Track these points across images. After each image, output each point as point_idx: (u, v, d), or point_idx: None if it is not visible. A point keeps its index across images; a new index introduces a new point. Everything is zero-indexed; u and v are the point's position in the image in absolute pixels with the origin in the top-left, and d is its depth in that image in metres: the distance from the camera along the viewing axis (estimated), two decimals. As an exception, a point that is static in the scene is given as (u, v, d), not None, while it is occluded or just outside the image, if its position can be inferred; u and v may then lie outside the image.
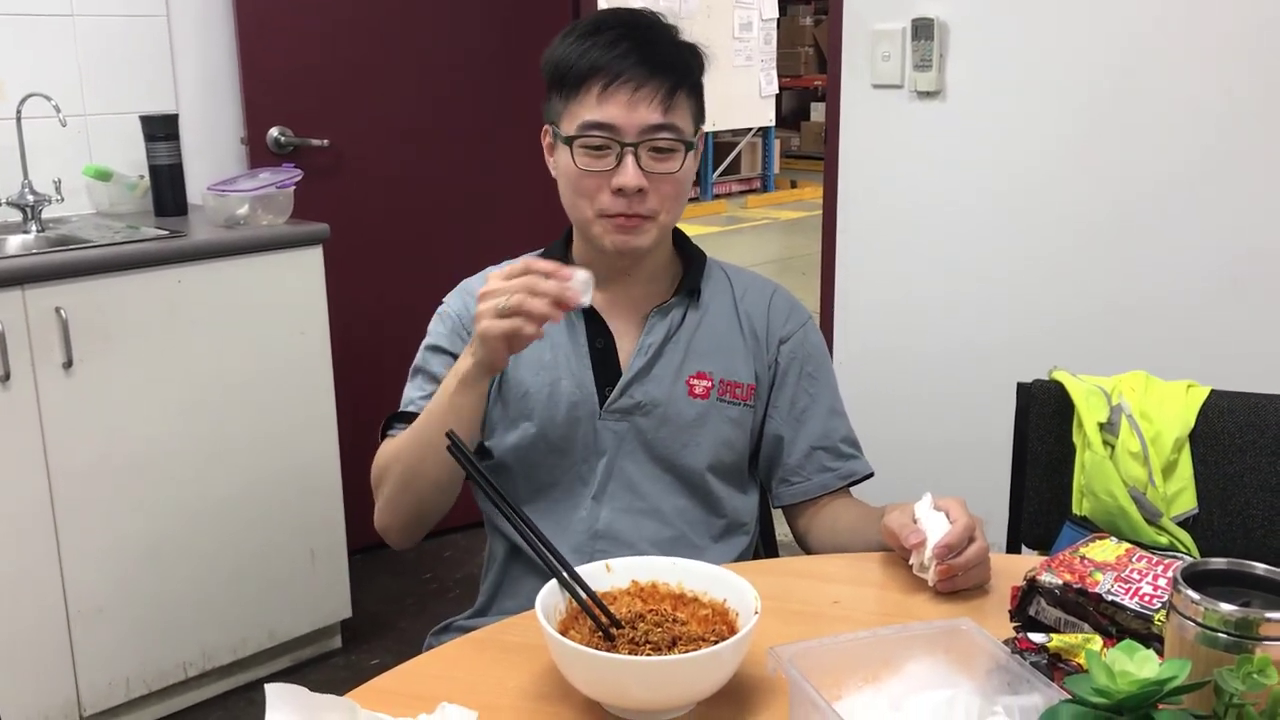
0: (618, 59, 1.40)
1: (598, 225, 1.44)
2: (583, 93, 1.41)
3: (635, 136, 1.40)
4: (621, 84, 1.39)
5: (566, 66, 1.42)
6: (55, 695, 2.39)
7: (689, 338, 1.51)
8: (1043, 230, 2.58)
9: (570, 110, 1.43)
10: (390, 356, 3.02)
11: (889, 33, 2.71)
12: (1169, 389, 1.71)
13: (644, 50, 1.41)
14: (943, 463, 2.72)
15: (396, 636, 2.96)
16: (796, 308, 1.60)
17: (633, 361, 1.49)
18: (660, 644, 1.06)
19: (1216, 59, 2.31)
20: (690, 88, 1.45)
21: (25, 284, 2.24)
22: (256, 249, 2.56)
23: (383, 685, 1.11)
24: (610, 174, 1.41)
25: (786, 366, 1.55)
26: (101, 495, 2.40)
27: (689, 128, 1.45)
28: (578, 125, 1.41)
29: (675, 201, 1.46)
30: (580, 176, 1.42)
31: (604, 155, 1.41)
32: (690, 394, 1.50)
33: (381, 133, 3.23)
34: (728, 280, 1.59)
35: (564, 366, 1.49)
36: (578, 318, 1.50)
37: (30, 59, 2.72)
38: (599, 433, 1.49)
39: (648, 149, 1.41)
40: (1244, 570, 0.92)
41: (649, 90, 1.40)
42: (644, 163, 1.41)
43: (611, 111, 1.39)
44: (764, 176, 10.97)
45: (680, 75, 1.43)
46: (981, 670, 0.99)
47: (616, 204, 1.41)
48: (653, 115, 1.40)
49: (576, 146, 1.41)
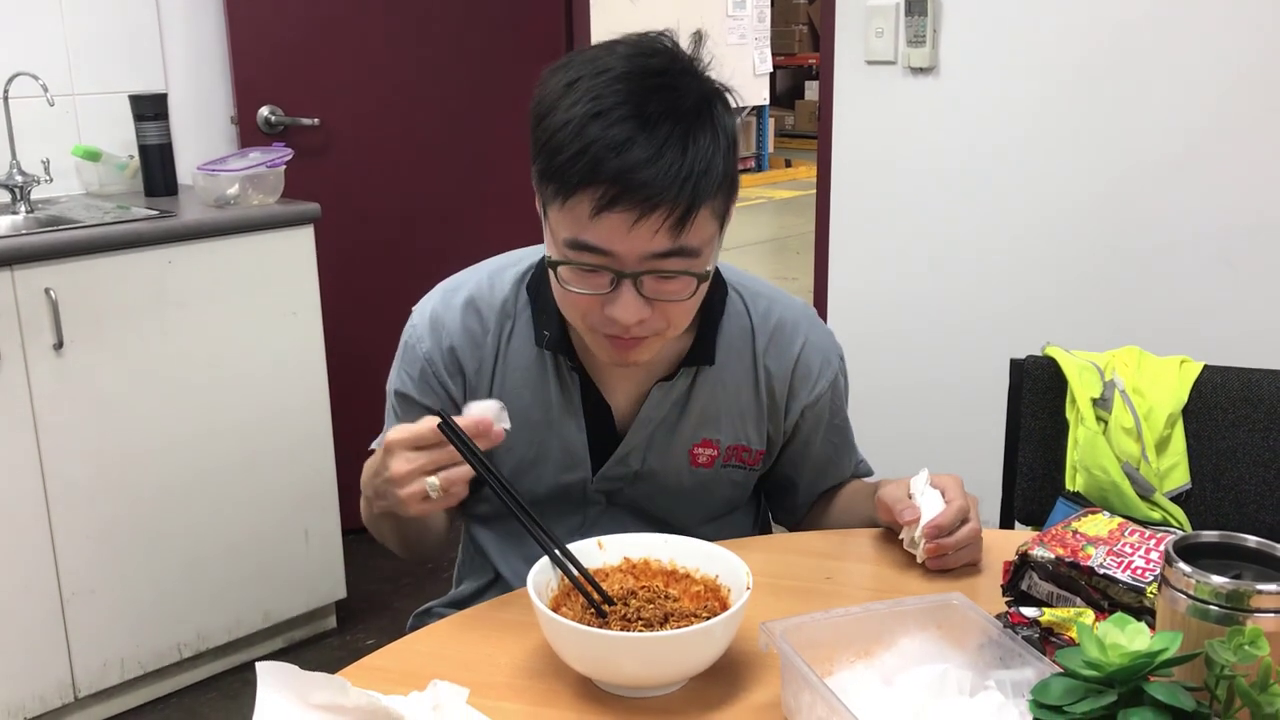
0: (624, 171, 1.08)
1: (591, 336, 1.22)
2: (573, 203, 1.11)
3: (635, 265, 1.13)
4: (623, 208, 1.09)
5: (557, 157, 1.11)
6: (49, 677, 2.39)
7: (697, 407, 1.34)
8: (1036, 206, 2.58)
9: (558, 216, 1.15)
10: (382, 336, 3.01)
11: (882, 8, 2.69)
12: (1162, 364, 1.71)
13: (660, 153, 1.08)
14: (936, 438, 2.73)
15: (391, 617, 2.96)
16: (826, 359, 1.39)
17: (631, 433, 1.33)
18: (652, 620, 1.06)
19: (1212, 34, 2.31)
20: (716, 191, 1.13)
21: (14, 265, 2.23)
22: (247, 229, 2.55)
23: (374, 663, 1.11)
24: (604, 298, 1.15)
25: (810, 430, 1.41)
26: (94, 476, 2.39)
27: (711, 235, 1.16)
28: (565, 240, 1.14)
29: (683, 320, 1.22)
30: (569, 296, 1.18)
31: (597, 276, 1.15)
32: (693, 463, 1.36)
33: (372, 112, 3.22)
34: (750, 325, 1.35)
35: (555, 427, 1.33)
36: (572, 380, 1.31)
37: (17, 38, 2.69)
38: (589, 494, 1.36)
39: (652, 274, 1.14)
40: (1235, 543, 0.92)
41: (660, 213, 1.09)
42: (646, 289, 1.15)
43: (608, 236, 1.11)
44: (758, 156, 10.93)
45: (703, 188, 1.11)
46: (974, 645, 0.99)
47: (613, 328, 1.17)
48: (659, 241, 1.11)
49: (561, 268, 1.16)
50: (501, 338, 1.33)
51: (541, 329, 1.31)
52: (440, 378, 1.34)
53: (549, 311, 1.29)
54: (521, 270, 1.35)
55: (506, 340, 1.33)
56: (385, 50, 3.20)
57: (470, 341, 1.33)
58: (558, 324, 1.28)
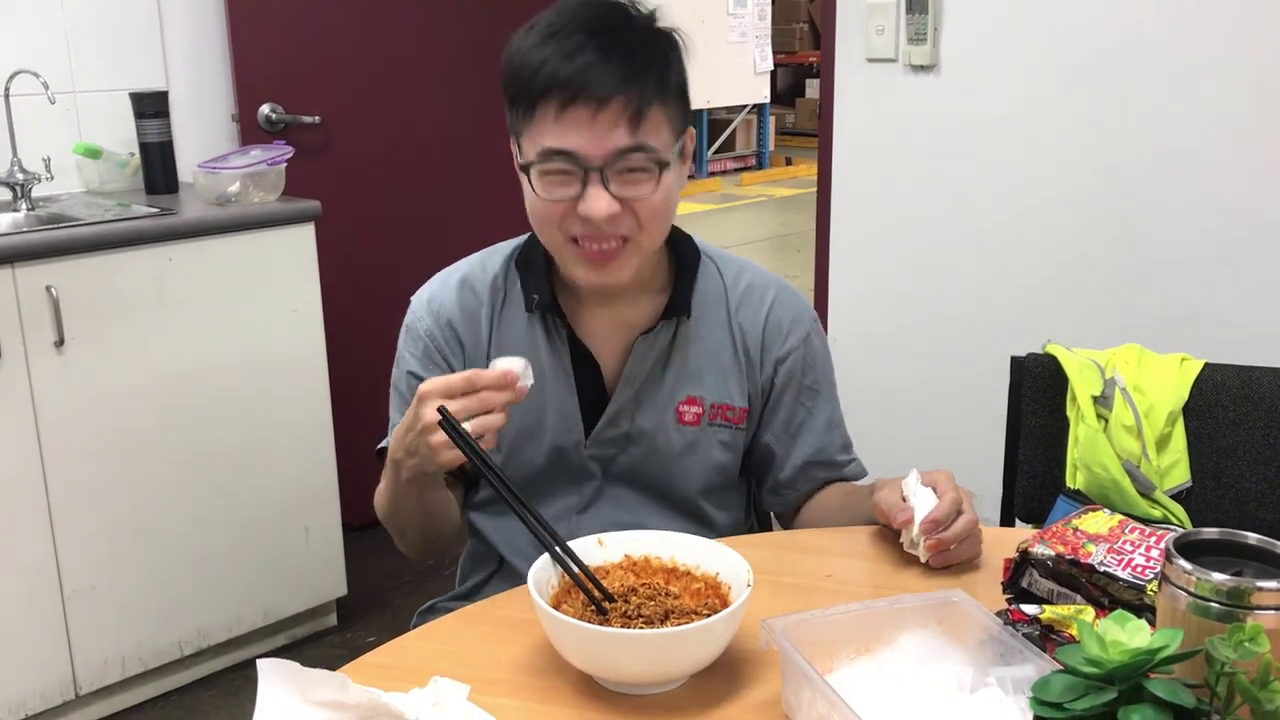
0: (577, 74, 1.21)
1: (566, 252, 1.30)
2: (539, 113, 1.23)
3: (601, 161, 1.23)
4: (581, 104, 1.21)
5: (521, 79, 1.25)
6: (50, 674, 2.40)
7: (679, 362, 1.40)
8: (1037, 204, 2.58)
9: (528, 132, 1.26)
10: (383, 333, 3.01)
11: (883, 6, 2.69)
12: (1163, 362, 1.71)
13: (608, 57, 1.22)
14: (937, 436, 2.72)
15: (392, 614, 2.97)
16: (798, 317, 1.47)
17: (618, 392, 1.39)
18: (653, 617, 1.06)
19: (1214, 32, 2.30)
20: (665, 96, 1.26)
21: (15, 263, 2.23)
22: (248, 226, 2.55)
23: (375, 660, 1.11)
24: (576, 201, 1.25)
25: (783, 387, 1.45)
26: (94, 473, 2.40)
27: (667, 141, 1.27)
28: (536, 151, 1.25)
29: (656, 222, 1.29)
30: (542, 205, 1.27)
31: (568, 181, 1.24)
32: (680, 421, 1.41)
33: (373, 109, 3.22)
34: (722, 286, 1.44)
35: (547, 394, 1.38)
36: (562, 342, 1.39)
37: (18, 35, 2.69)
38: (585, 461, 1.41)
39: (618, 172, 1.24)
40: (1236, 540, 0.92)
41: (615, 108, 1.21)
42: (615, 187, 1.24)
43: (571, 136, 1.22)
44: (759, 154, 10.93)
45: (653, 85, 1.24)
46: (974, 642, 0.99)
47: (585, 228, 1.26)
48: (620, 136, 1.22)
49: (535, 174, 1.26)
50: (495, 310, 1.41)
51: (531, 294, 1.39)
52: (443, 352, 1.41)
53: (537, 278, 1.38)
54: (510, 250, 1.45)
55: (500, 312, 1.41)
56: (386, 48, 3.20)
57: (466, 317, 1.42)
58: (546, 288, 1.38)
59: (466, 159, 3.40)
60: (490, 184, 3.41)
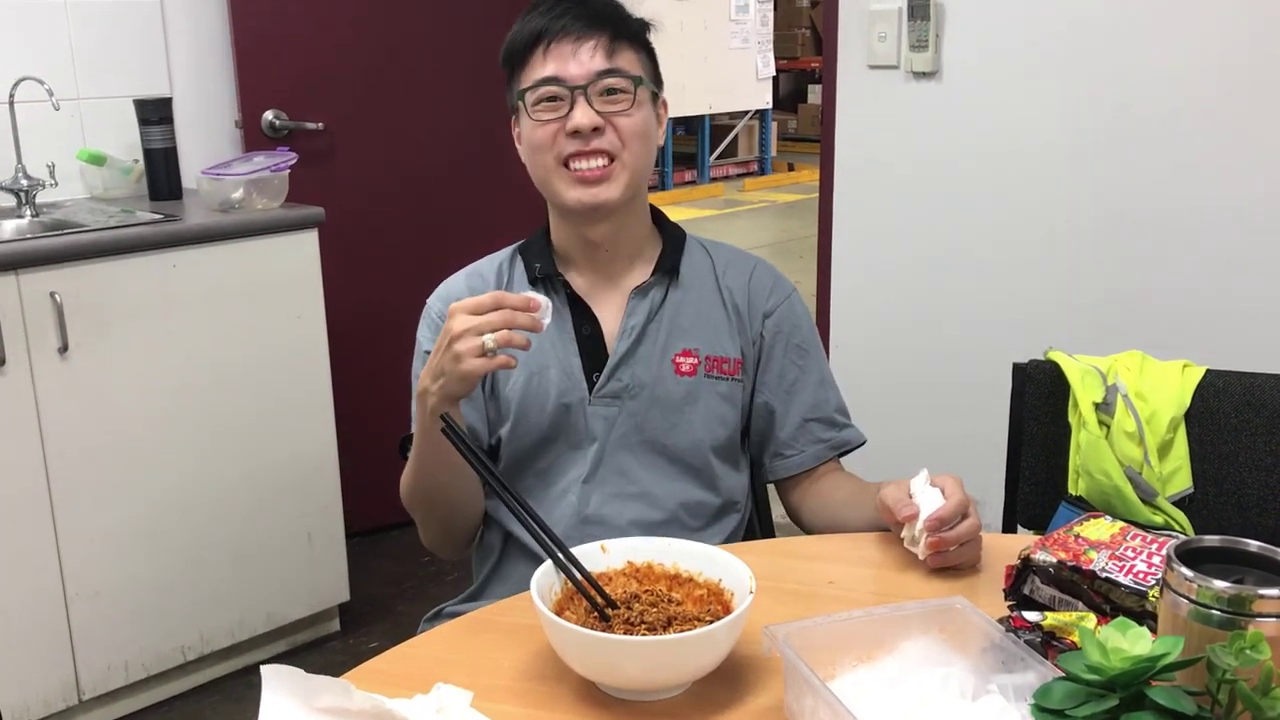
0: (555, 19, 1.43)
1: (558, 177, 1.45)
2: (529, 59, 1.45)
3: (583, 80, 1.42)
4: (561, 38, 1.43)
5: (515, 44, 1.47)
6: (54, 679, 2.40)
7: (672, 316, 1.52)
8: (1039, 210, 2.58)
9: (521, 78, 1.46)
10: (386, 339, 3.02)
11: (885, 13, 2.70)
12: (1164, 369, 1.71)
13: (580, 8, 1.44)
14: (939, 443, 2.72)
15: (394, 620, 2.97)
16: (780, 281, 1.60)
17: (617, 344, 1.49)
18: (655, 624, 1.07)
19: (1214, 40, 2.31)
20: (631, 37, 1.47)
21: (20, 269, 2.23)
22: (251, 233, 2.56)
23: (378, 666, 1.11)
24: (565, 120, 1.42)
25: (772, 340, 1.55)
26: (98, 479, 2.40)
27: (640, 73, 1.46)
28: (528, 86, 1.44)
29: (637, 142, 1.46)
30: (536, 128, 1.44)
31: (557, 106, 1.43)
32: (677, 372, 1.50)
33: (376, 116, 3.22)
34: (708, 256, 1.59)
35: (551, 354, 1.49)
36: (563, 305, 1.51)
37: (23, 42, 2.70)
38: (589, 419, 1.49)
39: (598, 92, 1.42)
40: (1237, 547, 0.92)
41: (590, 40, 1.43)
42: (596, 105, 1.42)
43: (556, 65, 1.42)
44: (761, 159, 10.94)
45: (618, 26, 1.46)
46: (976, 649, 0.99)
47: (574, 145, 1.42)
48: (597, 61, 1.42)
49: (530, 104, 1.44)
50: (501, 288, 1.53)
51: (533, 264, 1.53)
52: None
53: (537, 252, 1.54)
54: (511, 247, 1.60)
55: (506, 289, 1.53)
56: (390, 54, 3.21)
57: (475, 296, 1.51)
58: (548, 258, 1.53)
59: (469, 165, 3.40)
60: (493, 191, 3.42)
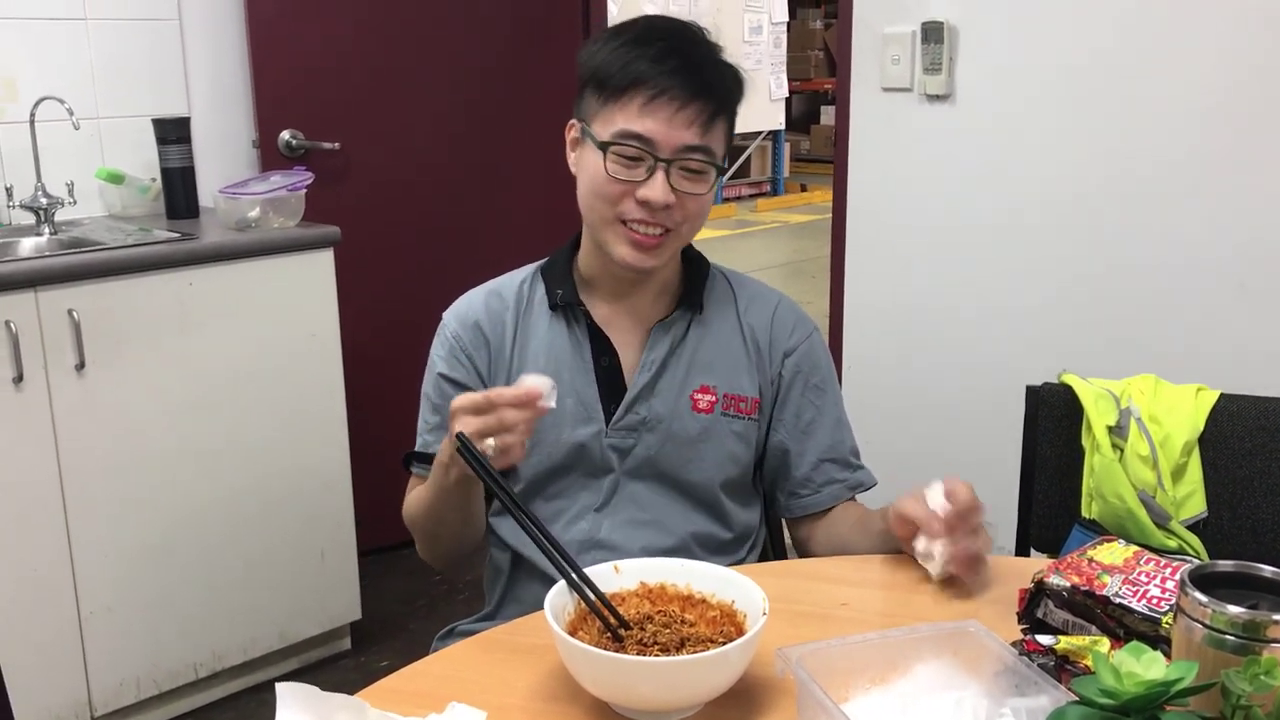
0: (665, 74, 1.37)
1: (612, 231, 1.42)
2: (624, 100, 1.38)
3: (670, 154, 1.38)
4: (665, 100, 1.37)
5: (610, 70, 1.39)
6: (66, 695, 2.40)
7: (692, 351, 1.50)
8: (1052, 233, 2.58)
9: (608, 115, 1.40)
10: (400, 359, 3.02)
11: (898, 36, 2.71)
12: (1178, 392, 1.70)
13: (691, 69, 1.38)
14: (951, 465, 2.69)
15: (406, 638, 2.97)
16: (801, 320, 1.58)
17: (637, 378, 1.48)
18: (668, 645, 1.07)
19: (1227, 60, 2.31)
20: (728, 114, 1.43)
21: (38, 286, 2.25)
22: (268, 251, 2.57)
23: (392, 685, 1.11)
24: (638, 185, 1.39)
25: (790, 380, 1.54)
26: (113, 496, 2.41)
27: (721, 152, 1.43)
28: (614, 132, 1.38)
29: (696, 221, 1.44)
30: (607, 182, 1.40)
31: (635, 166, 1.38)
32: (694, 408, 1.48)
33: (392, 136, 3.24)
34: (731, 291, 1.57)
35: (569, 384, 1.47)
36: (584, 335, 1.49)
37: (43, 62, 2.73)
38: (604, 450, 1.48)
39: (679, 167, 1.39)
40: (1251, 573, 0.92)
41: (692, 111, 1.38)
42: (674, 180, 1.38)
43: (651, 125, 1.37)
44: (774, 180, 10.96)
45: (722, 101, 1.41)
46: (989, 672, 0.99)
47: (639, 213, 1.39)
48: (691, 135, 1.38)
49: (610, 153, 1.39)
50: (520, 311, 1.53)
51: (555, 290, 1.51)
52: (467, 351, 1.51)
53: (560, 274, 1.52)
54: (535, 266, 1.57)
55: (525, 312, 1.53)
56: (405, 75, 3.23)
57: (492, 318, 1.53)
58: (570, 285, 1.50)
59: (485, 185, 3.42)
60: (509, 210, 3.43)
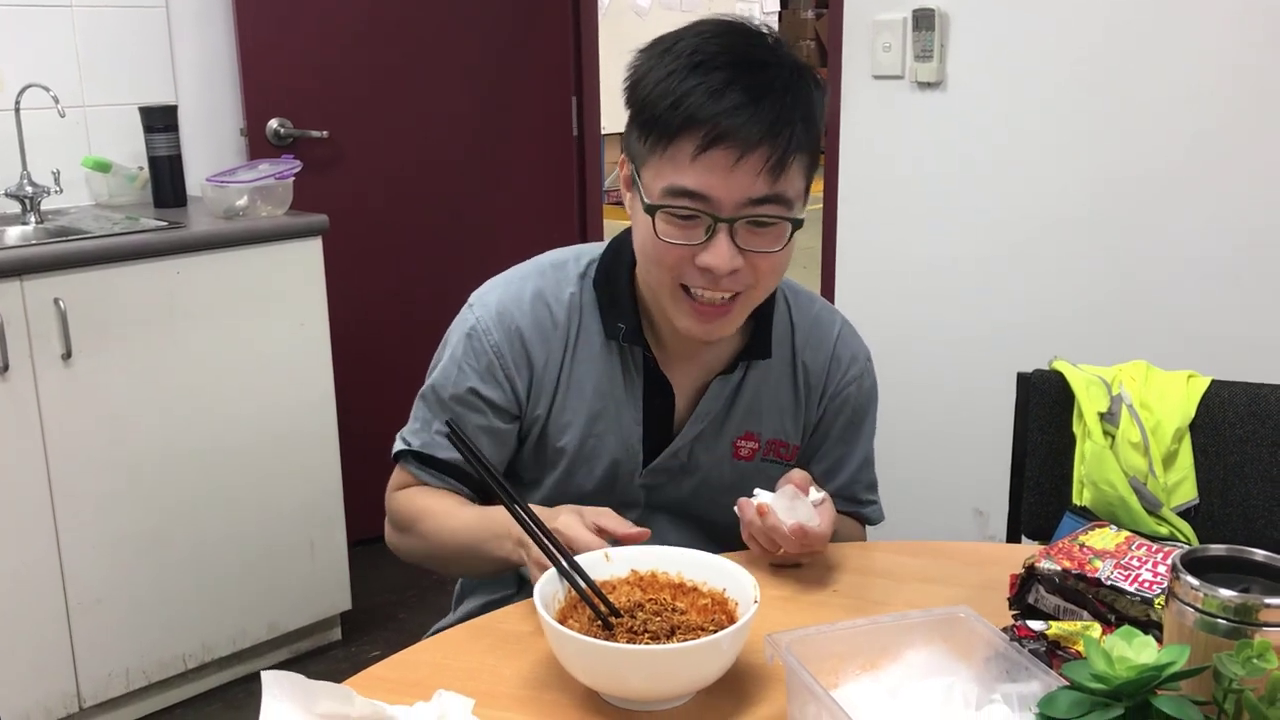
0: (723, 114, 1.12)
1: (672, 299, 1.23)
2: (674, 149, 1.15)
3: (733, 211, 1.16)
4: (723, 148, 1.13)
5: (657, 108, 1.15)
6: (55, 686, 2.39)
7: (744, 399, 1.38)
8: (1043, 220, 2.58)
9: (656, 166, 1.17)
10: (390, 347, 3.02)
11: (890, 23, 2.70)
12: (1169, 379, 1.70)
13: (757, 101, 1.13)
14: (943, 453, 2.72)
15: (396, 628, 2.96)
16: (857, 355, 1.45)
17: (688, 428, 1.37)
18: (659, 633, 1.06)
19: (1218, 49, 2.31)
20: (808, 146, 1.19)
21: (24, 275, 2.24)
22: (256, 240, 2.56)
23: (379, 673, 1.11)
24: (697, 249, 1.18)
25: (832, 420, 1.44)
26: (100, 486, 2.40)
27: (800, 191, 1.20)
28: (664, 189, 1.16)
29: (773, 277, 1.23)
30: (657, 243, 1.19)
31: (693, 227, 1.17)
32: (735, 455, 1.39)
33: (381, 124, 3.23)
34: (789, 320, 1.41)
35: (613, 420, 1.35)
36: (638, 374, 1.35)
37: (29, 50, 2.71)
38: (634, 490, 1.39)
39: (748, 223, 1.17)
40: (1243, 556, 0.91)
41: (758, 157, 1.13)
42: (739, 239, 1.17)
43: (708, 179, 1.14)
44: (765, 170, 10.95)
45: (799, 133, 1.16)
46: (980, 658, 0.98)
47: (701, 280, 1.19)
48: (759, 186, 1.15)
49: (659, 215, 1.18)
50: (571, 331, 1.35)
51: (614, 322, 1.32)
52: (508, 370, 1.34)
53: (621, 304, 1.32)
54: (583, 266, 1.37)
55: (576, 335, 1.35)
56: (394, 64, 3.22)
57: (540, 334, 1.34)
58: (633, 316, 1.31)
59: (474, 174, 3.41)
60: (498, 198, 3.42)
